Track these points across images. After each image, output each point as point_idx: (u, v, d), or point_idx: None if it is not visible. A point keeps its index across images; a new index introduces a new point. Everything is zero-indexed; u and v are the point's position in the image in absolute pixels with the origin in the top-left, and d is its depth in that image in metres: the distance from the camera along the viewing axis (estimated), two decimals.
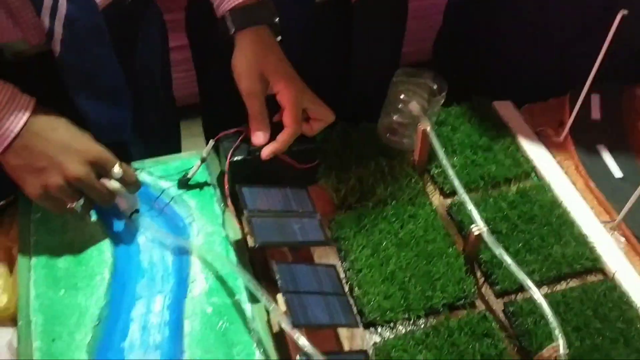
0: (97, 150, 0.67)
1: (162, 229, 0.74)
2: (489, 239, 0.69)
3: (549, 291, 0.73)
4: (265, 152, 0.71)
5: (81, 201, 0.67)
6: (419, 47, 1.49)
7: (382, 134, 0.86)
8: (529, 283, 0.65)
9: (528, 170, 0.85)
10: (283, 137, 0.71)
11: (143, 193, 0.78)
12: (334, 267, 0.67)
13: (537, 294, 0.64)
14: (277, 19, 0.73)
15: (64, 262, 0.70)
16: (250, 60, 0.71)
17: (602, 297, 0.72)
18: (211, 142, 0.76)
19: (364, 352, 0.61)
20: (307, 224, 0.70)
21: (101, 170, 0.67)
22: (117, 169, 0.67)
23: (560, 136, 0.90)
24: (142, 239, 0.74)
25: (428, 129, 0.78)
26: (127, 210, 0.75)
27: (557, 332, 0.61)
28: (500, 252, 0.67)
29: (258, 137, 0.72)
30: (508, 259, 0.67)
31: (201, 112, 1.13)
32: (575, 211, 0.81)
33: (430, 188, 0.84)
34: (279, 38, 0.74)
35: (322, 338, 0.64)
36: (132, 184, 0.70)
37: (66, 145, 0.65)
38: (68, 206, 0.67)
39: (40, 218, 0.74)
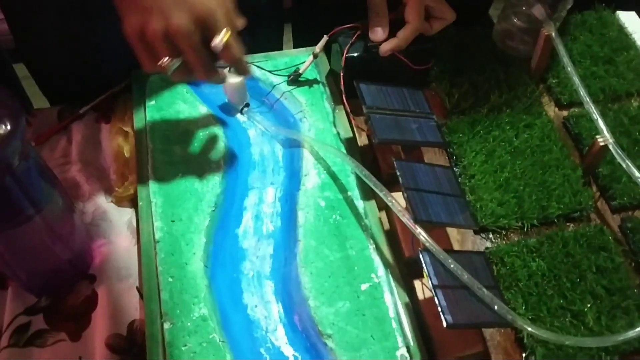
0: (210, 9, 0.58)
1: (274, 124, 0.74)
2: (615, 150, 0.66)
3: None
4: (385, 48, 0.69)
5: (177, 62, 0.59)
6: None
7: (498, 39, 0.82)
8: None
9: None
10: (404, 34, 0.68)
11: (254, 87, 0.78)
12: (451, 168, 0.66)
13: None
14: None
15: (180, 149, 0.71)
16: None
17: None
18: (325, 38, 0.74)
19: (482, 253, 0.60)
20: (424, 124, 0.68)
21: (206, 32, 0.58)
22: (220, 37, 0.58)
23: None
24: (252, 132, 0.75)
25: (553, 34, 0.74)
26: (237, 103, 0.75)
27: None
28: (627, 164, 0.64)
29: (377, 33, 0.69)
30: (635, 171, 0.64)
31: (290, 18, 1.10)
32: None
33: (545, 99, 0.80)
34: None
35: (435, 238, 0.64)
36: (235, 61, 0.61)
37: None
38: (160, 61, 0.59)
39: (154, 105, 0.75)
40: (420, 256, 0.56)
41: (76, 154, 0.75)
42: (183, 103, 0.75)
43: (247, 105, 0.75)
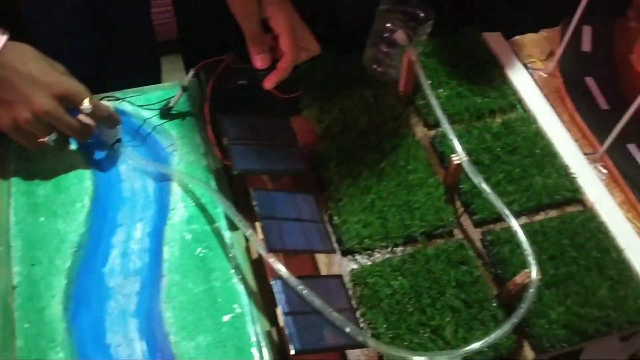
0: (66, 83, 0.66)
1: (144, 158, 0.74)
2: (468, 167, 0.69)
3: (528, 221, 0.74)
4: (268, 82, 0.68)
5: (53, 136, 0.67)
6: None
7: (368, 65, 0.85)
8: (505, 211, 0.66)
9: (514, 102, 0.85)
10: (283, 65, 0.68)
11: (125, 122, 0.78)
12: (312, 195, 0.67)
13: (513, 222, 0.65)
14: None
15: (43, 190, 0.70)
16: None
17: (580, 227, 0.72)
18: (192, 71, 0.75)
19: (339, 277, 0.61)
20: (287, 153, 0.70)
21: (70, 104, 0.66)
22: (86, 104, 0.66)
23: (548, 68, 0.89)
24: (123, 167, 0.74)
25: (413, 58, 0.77)
26: (108, 139, 0.75)
27: (531, 259, 0.62)
28: (479, 180, 0.68)
29: (260, 60, 0.68)
30: (487, 188, 0.67)
31: (182, 46, 1.11)
32: (559, 143, 0.80)
33: (415, 119, 0.83)
34: None
35: (300, 264, 0.65)
36: (104, 119, 0.69)
37: (34, 79, 0.64)
38: (39, 140, 0.67)
39: (19, 146, 0.74)
40: (273, 284, 0.57)
41: None
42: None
43: (119, 140, 0.75)
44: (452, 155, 0.70)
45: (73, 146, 0.74)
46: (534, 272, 0.61)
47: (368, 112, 0.80)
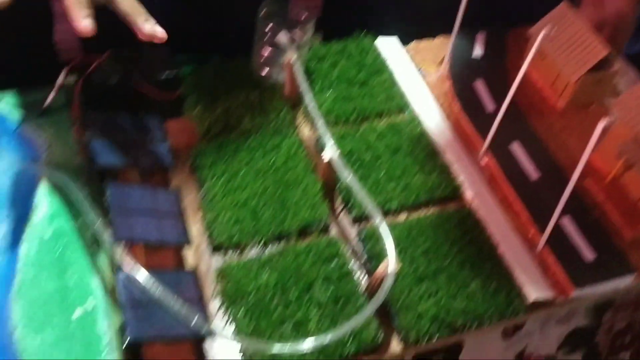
0: None
1: (13, 156, 0.72)
2: (337, 163, 0.68)
3: (407, 218, 0.73)
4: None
5: None
6: None
7: (255, 68, 0.85)
8: (369, 206, 0.65)
9: (402, 104, 0.85)
10: None
11: None
12: (176, 191, 0.66)
13: (376, 215, 0.64)
14: None
15: None
16: None
17: (457, 223, 0.72)
18: (64, 70, 0.74)
19: (191, 272, 0.60)
20: (155, 149, 0.69)
21: None
22: None
23: (439, 72, 0.90)
24: None
25: (292, 60, 0.77)
26: None
27: (389, 249, 0.61)
28: (345, 176, 0.67)
29: (88, 25, 0.58)
30: (354, 183, 0.67)
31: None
32: (443, 143, 0.81)
33: (302, 122, 0.83)
34: None
35: (163, 259, 0.63)
36: None
37: None
38: None
39: None
40: (117, 277, 0.55)
41: None
42: None
43: None
44: (322, 153, 0.70)
45: None
46: (390, 265, 0.60)
47: (252, 112, 0.80)
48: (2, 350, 0.57)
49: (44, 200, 0.68)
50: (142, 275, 0.55)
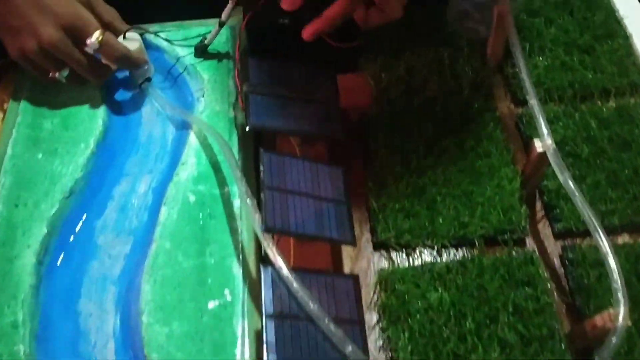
0: (75, 14, 0.58)
1: (169, 102, 0.64)
2: (554, 159, 0.52)
3: (631, 241, 0.55)
4: (307, 32, 0.55)
5: (65, 71, 0.61)
6: None
7: (451, 20, 0.69)
8: (595, 224, 0.48)
9: (638, 82, 0.65)
10: (329, 13, 0.55)
11: (159, 60, 0.68)
12: (341, 169, 0.53)
13: (604, 241, 0.48)
14: None
15: (50, 124, 0.62)
16: None
17: None
18: (230, 4, 0.63)
19: (353, 277, 0.48)
20: (323, 112, 0.56)
21: (77, 38, 0.58)
22: (92, 40, 0.58)
23: None
24: (147, 110, 0.65)
25: (506, 11, 0.60)
26: (136, 77, 0.65)
27: (620, 296, 0.45)
28: (565, 177, 0.50)
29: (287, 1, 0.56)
30: (574, 188, 0.50)
31: None
32: None
33: (501, 92, 0.66)
34: None
35: (316, 254, 0.52)
36: (117, 60, 0.60)
37: (43, 5, 0.57)
38: (50, 75, 0.61)
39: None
40: (262, 273, 0.44)
41: None
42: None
43: (148, 79, 0.65)
44: (536, 140, 0.53)
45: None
46: (621, 316, 0.44)
47: (441, 75, 0.64)
48: (125, 336, 0.49)
49: (192, 158, 0.59)
50: (292, 278, 0.44)
